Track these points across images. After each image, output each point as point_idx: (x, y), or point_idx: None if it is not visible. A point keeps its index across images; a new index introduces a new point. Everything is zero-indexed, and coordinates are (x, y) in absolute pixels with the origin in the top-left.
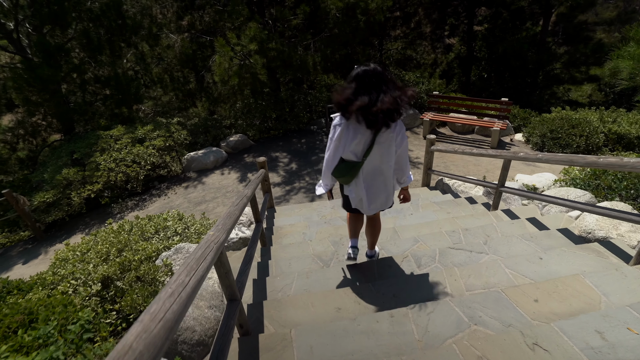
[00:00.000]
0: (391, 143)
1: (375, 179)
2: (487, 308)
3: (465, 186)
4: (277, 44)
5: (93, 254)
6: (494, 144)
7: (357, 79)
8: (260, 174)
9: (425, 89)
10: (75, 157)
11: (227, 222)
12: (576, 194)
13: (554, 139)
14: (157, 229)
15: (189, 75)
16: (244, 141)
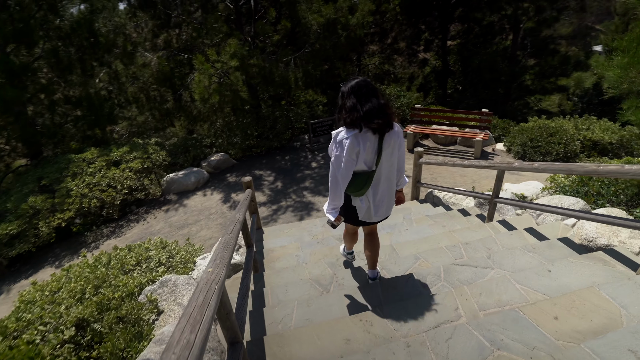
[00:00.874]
0: (394, 146)
1: (383, 185)
2: (507, 330)
3: (457, 198)
4: (259, 60)
5: (65, 293)
6: (477, 154)
7: (354, 91)
8: (247, 195)
9: (406, 102)
10: (44, 184)
11: (224, 254)
12: (569, 202)
13: (534, 147)
14: (138, 260)
15: (166, 94)
16: (225, 160)
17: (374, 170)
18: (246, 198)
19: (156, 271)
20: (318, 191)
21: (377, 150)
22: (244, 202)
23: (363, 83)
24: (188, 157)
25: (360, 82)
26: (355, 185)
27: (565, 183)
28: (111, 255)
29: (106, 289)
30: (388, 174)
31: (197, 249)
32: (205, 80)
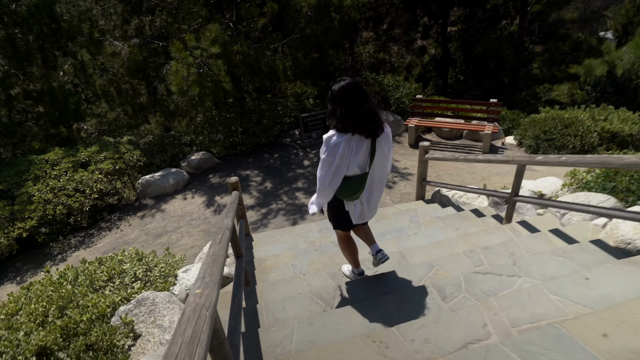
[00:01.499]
0: (386, 147)
1: (376, 186)
2: (549, 350)
3: (467, 197)
4: (243, 46)
5: (24, 316)
6: (485, 148)
7: (346, 96)
8: (235, 198)
9: (405, 92)
10: (1, 189)
11: (213, 269)
12: (598, 199)
13: (548, 140)
14: (110, 275)
15: (139, 87)
16: (207, 159)
17: (367, 172)
18: (233, 201)
19: (132, 287)
20: (312, 192)
21: (369, 153)
22: (231, 205)
23: (354, 86)
24: (165, 156)
25: (351, 84)
26: (350, 189)
27: (588, 178)
28: (79, 270)
29: (73, 311)
30: (380, 175)
31: (178, 259)
32: (184, 70)
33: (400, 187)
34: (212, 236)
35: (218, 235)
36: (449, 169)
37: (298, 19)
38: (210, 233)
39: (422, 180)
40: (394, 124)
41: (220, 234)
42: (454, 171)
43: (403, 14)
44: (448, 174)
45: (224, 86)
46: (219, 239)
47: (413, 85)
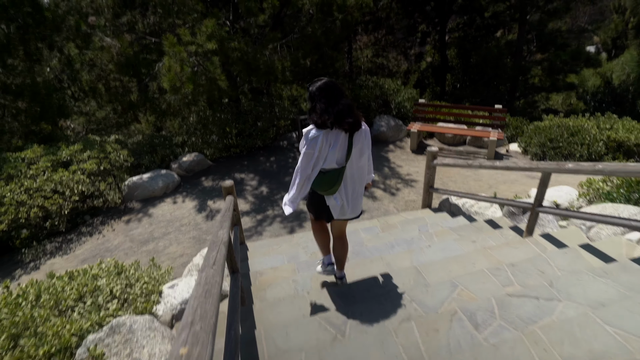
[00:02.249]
0: (364, 143)
1: (354, 182)
2: None
3: (479, 206)
4: (241, 43)
5: None
6: (490, 155)
7: (324, 93)
8: (229, 203)
9: (407, 97)
10: None
11: (207, 308)
12: (629, 212)
13: (554, 148)
14: (81, 292)
15: (129, 84)
16: (200, 161)
17: (344, 167)
18: (228, 208)
19: (106, 309)
20: None
21: (347, 147)
22: (226, 213)
23: (331, 84)
24: (155, 157)
25: (328, 82)
26: (327, 183)
27: (605, 188)
28: (42, 286)
29: (28, 340)
30: (358, 172)
31: (165, 272)
32: (177, 66)
33: (404, 194)
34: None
35: (212, 252)
36: (453, 175)
37: (299, 17)
38: (201, 240)
39: (430, 187)
40: (395, 129)
41: (215, 251)
42: (459, 178)
43: (402, 20)
44: (453, 181)
45: (219, 84)
46: (213, 259)
47: (413, 92)
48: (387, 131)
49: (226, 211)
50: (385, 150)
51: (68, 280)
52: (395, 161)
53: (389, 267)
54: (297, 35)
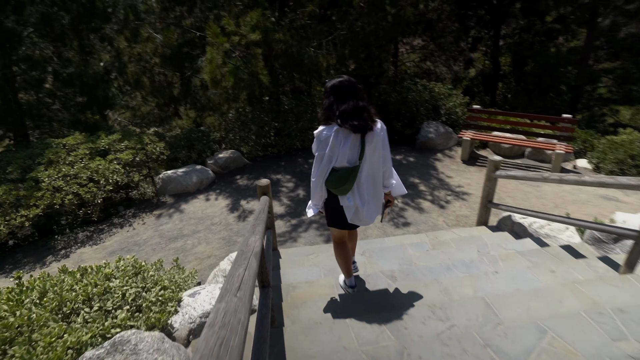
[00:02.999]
0: (378, 144)
1: (369, 184)
2: None
3: (552, 228)
4: (286, 35)
5: None
6: (555, 171)
7: (335, 91)
8: (264, 205)
9: (458, 102)
10: (10, 171)
11: None
12: None
13: (637, 166)
14: (90, 294)
15: (172, 78)
16: (236, 159)
17: (357, 166)
18: (262, 209)
19: (114, 317)
20: None
21: (359, 146)
22: (260, 215)
23: (346, 83)
24: (192, 152)
25: (343, 81)
26: (337, 180)
27: None
28: (48, 283)
29: (19, 350)
30: (372, 171)
31: (188, 275)
32: (219, 58)
33: (455, 208)
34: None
35: (239, 267)
36: (511, 191)
37: (348, 11)
38: (231, 242)
39: (488, 202)
40: (444, 136)
41: (242, 267)
42: (518, 194)
43: (452, 23)
44: (511, 197)
45: (261, 79)
46: (239, 280)
47: (466, 97)
48: (436, 138)
49: (260, 213)
50: (433, 158)
51: (80, 277)
52: (444, 171)
53: (447, 294)
54: (345, 32)
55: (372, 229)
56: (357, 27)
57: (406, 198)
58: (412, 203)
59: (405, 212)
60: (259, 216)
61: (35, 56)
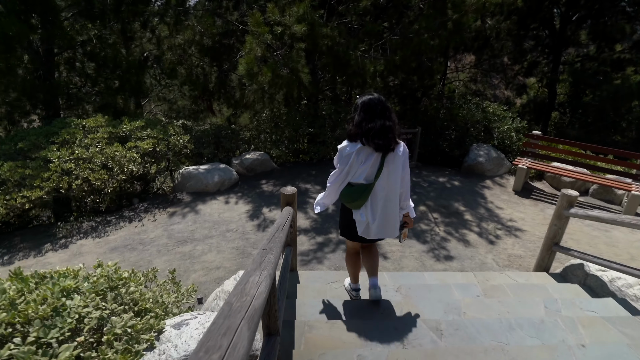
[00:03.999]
0: (398, 165)
1: (384, 202)
2: None
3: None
4: (334, 31)
5: None
6: (628, 214)
7: (365, 108)
8: (287, 216)
9: (514, 126)
10: (20, 147)
11: None
12: None
13: None
14: (28, 317)
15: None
16: (264, 162)
17: (372, 183)
18: (283, 223)
19: (53, 354)
20: None
21: (377, 166)
22: (276, 235)
23: (376, 101)
24: (219, 150)
25: (373, 99)
26: (351, 195)
27: None
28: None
29: None
30: (388, 191)
31: (184, 292)
32: (258, 49)
33: (507, 245)
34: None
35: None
36: (575, 233)
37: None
38: (245, 254)
39: (554, 244)
40: (495, 162)
41: (239, 316)
42: (584, 238)
43: (509, 44)
44: (574, 240)
45: (301, 77)
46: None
47: (523, 121)
48: (486, 163)
49: (280, 227)
50: (482, 185)
51: (33, 286)
52: (493, 200)
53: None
54: (397, 37)
55: (409, 259)
56: (412, 32)
57: (449, 227)
58: (456, 233)
59: (448, 243)
60: (275, 235)
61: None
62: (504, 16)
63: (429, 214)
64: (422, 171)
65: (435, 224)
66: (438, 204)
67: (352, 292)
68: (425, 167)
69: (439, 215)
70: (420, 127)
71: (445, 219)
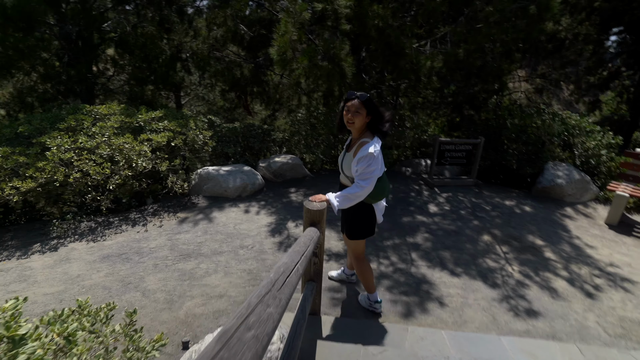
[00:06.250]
0: None
1: None
2: None
3: None
4: (387, 10)
5: None
6: None
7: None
8: (309, 242)
9: (605, 143)
10: (20, 131)
11: None
12: None
13: None
14: None
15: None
16: (295, 167)
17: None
18: (302, 251)
19: None
20: (441, 261)
21: None
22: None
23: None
24: (248, 154)
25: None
26: (384, 186)
27: None
28: None
29: None
30: None
31: (144, 347)
32: (294, 31)
33: (614, 302)
34: None
35: None
36: None
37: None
38: (257, 279)
39: None
40: (578, 185)
41: None
42: None
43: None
44: None
45: (343, 68)
46: None
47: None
48: (566, 186)
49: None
50: (561, 214)
51: None
52: (580, 235)
53: None
54: (461, 28)
55: (474, 309)
56: (486, 12)
57: (525, 266)
58: (536, 276)
59: (527, 290)
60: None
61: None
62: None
63: (496, 246)
64: (483, 191)
65: (506, 260)
66: (506, 234)
67: (375, 304)
68: (487, 186)
69: (509, 249)
70: (483, 138)
71: (518, 255)
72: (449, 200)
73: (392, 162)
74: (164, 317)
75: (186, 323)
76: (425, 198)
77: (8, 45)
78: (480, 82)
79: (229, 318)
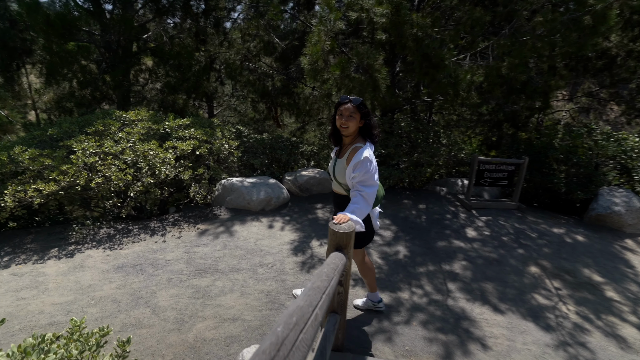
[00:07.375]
0: None
1: None
2: None
3: None
4: (426, 19)
5: None
6: None
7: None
8: (334, 270)
9: None
10: (50, 134)
11: None
12: None
13: None
14: None
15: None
16: (322, 181)
17: None
18: (327, 285)
19: None
20: (483, 294)
21: None
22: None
23: None
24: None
25: None
26: (379, 192)
27: None
28: None
29: None
30: None
31: None
32: (326, 40)
33: None
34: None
35: None
36: None
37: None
38: (275, 304)
39: None
40: (634, 214)
41: None
42: None
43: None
44: None
45: (377, 80)
46: None
47: None
48: (626, 215)
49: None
50: (622, 246)
51: None
52: None
53: None
54: (505, 40)
55: (524, 355)
56: (527, 31)
57: (583, 307)
58: (599, 321)
59: (587, 336)
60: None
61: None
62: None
63: (545, 280)
64: (527, 215)
65: (559, 298)
66: (557, 267)
67: (379, 304)
68: (530, 210)
69: (562, 284)
70: (527, 158)
71: (573, 292)
72: (488, 225)
73: (425, 181)
74: (172, 339)
75: (194, 348)
76: (462, 221)
77: (51, 51)
78: (524, 99)
79: None
